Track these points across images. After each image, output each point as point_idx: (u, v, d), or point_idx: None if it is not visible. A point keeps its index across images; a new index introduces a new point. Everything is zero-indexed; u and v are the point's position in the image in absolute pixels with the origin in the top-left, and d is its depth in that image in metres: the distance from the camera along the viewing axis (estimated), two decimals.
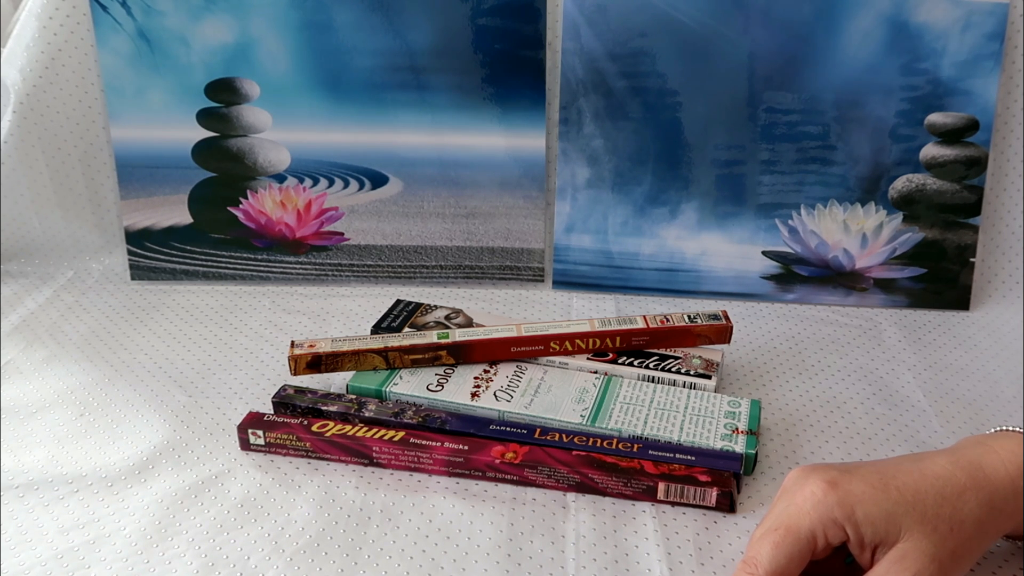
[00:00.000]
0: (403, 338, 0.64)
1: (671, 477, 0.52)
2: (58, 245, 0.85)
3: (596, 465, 0.53)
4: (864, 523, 0.41)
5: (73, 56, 0.79)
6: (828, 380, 0.68)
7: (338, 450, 0.56)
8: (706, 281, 0.81)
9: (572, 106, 0.79)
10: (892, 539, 0.41)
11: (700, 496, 0.52)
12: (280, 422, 0.57)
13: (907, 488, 0.42)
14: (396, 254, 0.83)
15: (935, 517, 0.41)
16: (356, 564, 0.49)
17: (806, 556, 0.42)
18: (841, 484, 0.42)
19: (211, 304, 0.79)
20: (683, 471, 0.53)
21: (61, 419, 0.62)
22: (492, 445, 0.55)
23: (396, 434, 0.56)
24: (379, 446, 0.55)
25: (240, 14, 0.77)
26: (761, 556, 0.42)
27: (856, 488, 0.42)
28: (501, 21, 0.77)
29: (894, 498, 0.42)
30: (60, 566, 0.48)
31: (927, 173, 0.78)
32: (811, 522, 0.42)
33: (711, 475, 0.52)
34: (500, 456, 0.54)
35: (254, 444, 0.57)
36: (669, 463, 0.54)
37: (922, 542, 0.41)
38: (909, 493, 0.42)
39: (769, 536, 0.43)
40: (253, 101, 0.79)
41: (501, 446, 0.55)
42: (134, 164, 0.81)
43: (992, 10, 0.75)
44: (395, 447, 0.55)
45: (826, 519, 0.42)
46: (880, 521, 0.41)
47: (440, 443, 0.55)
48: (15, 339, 0.73)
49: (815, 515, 0.42)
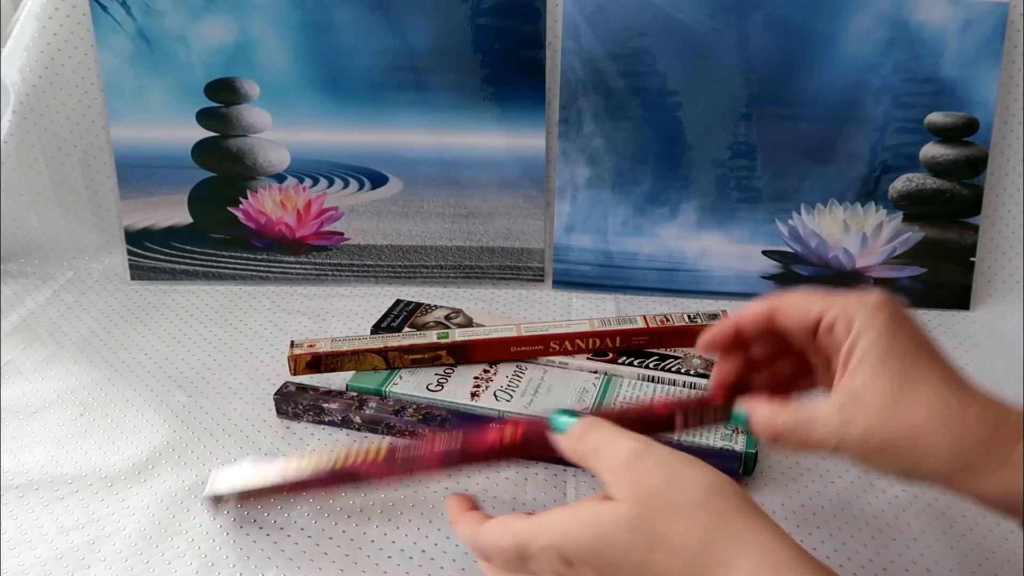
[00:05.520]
0: (403, 338, 0.64)
1: (685, 408, 0.46)
2: (58, 245, 0.85)
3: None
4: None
5: (73, 56, 0.79)
6: None
7: (323, 486, 0.50)
8: (706, 281, 0.81)
9: (572, 106, 0.79)
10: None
11: None
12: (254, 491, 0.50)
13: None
14: (396, 254, 0.83)
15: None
16: (356, 564, 0.49)
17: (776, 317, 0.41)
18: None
19: (211, 304, 0.79)
20: (696, 399, 0.47)
21: (61, 419, 0.62)
22: (487, 433, 0.46)
23: (379, 452, 0.48)
24: (366, 469, 0.48)
25: (240, 14, 0.77)
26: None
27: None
28: (501, 21, 0.77)
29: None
30: (60, 566, 0.48)
31: (927, 173, 0.78)
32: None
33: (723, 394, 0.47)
34: (499, 438, 0.46)
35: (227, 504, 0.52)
36: None
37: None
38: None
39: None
40: (253, 101, 0.79)
41: (496, 431, 0.46)
42: (134, 164, 0.81)
43: (992, 10, 0.74)
44: (382, 464, 0.48)
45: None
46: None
47: (431, 446, 0.47)
48: (15, 339, 0.73)
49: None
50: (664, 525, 0.35)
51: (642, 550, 0.35)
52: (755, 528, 0.35)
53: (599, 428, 0.40)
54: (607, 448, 0.38)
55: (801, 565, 0.34)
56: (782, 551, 0.34)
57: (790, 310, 0.41)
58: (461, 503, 0.44)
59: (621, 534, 0.35)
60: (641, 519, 0.35)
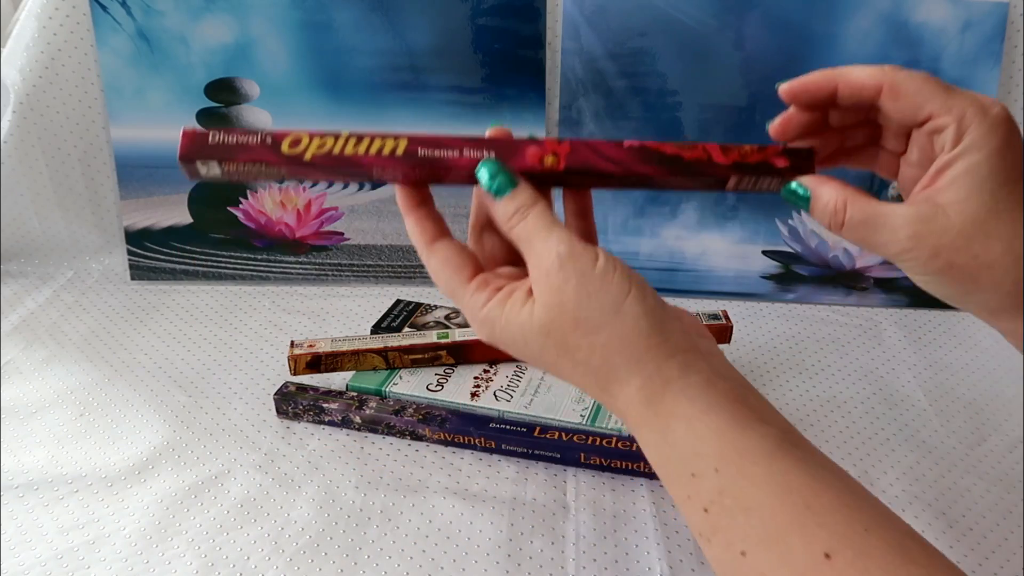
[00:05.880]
0: (403, 338, 0.64)
1: (744, 167, 0.41)
2: (58, 245, 0.85)
3: (656, 160, 0.40)
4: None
5: (73, 56, 0.79)
6: (828, 380, 0.68)
7: (322, 172, 0.42)
8: (706, 281, 0.81)
9: (572, 106, 0.79)
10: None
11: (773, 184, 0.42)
12: (235, 144, 0.40)
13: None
14: (396, 254, 0.83)
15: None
16: (356, 564, 0.49)
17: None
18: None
19: (211, 304, 0.79)
20: (758, 155, 0.41)
21: (61, 419, 0.62)
22: (528, 146, 0.41)
23: (398, 144, 0.42)
24: (378, 163, 0.41)
25: (240, 14, 0.77)
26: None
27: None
28: (501, 21, 0.77)
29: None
30: (60, 566, 0.48)
31: None
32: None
33: (786, 157, 0.41)
34: (538, 161, 0.41)
35: (207, 176, 0.41)
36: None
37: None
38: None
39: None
40: (253, 101, 0.79)
41: (537, 148, 0.41)
42: (134, 164, 0.81)
43: (992, 10, 0.74)
44: (398, 163, 0.41)
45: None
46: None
47: (458, 152, 0.41)
48: (15, 339, 0.73)
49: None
50: (571, 337, 0.37)
51: (552, 354, 0.38)
52: (648, 347, 0.36)
53: (533, 216, 0.39)
54: (537, 243, 0.38)
55: (691, 386, 0.36)
56: (671, 369, 0.36)
57: (903, 95, 0.37)
58: (412, 198, 0.42)
59: (535, 336, 0.37)
60: (552, 326, 0.37)
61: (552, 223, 0.38)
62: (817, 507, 0.32)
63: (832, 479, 0.34)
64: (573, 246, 0.37)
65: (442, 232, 0.42)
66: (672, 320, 0.38)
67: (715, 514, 0.34)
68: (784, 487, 0.33)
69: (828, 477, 0.34)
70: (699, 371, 0.36)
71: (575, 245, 0.37)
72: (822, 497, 0.33)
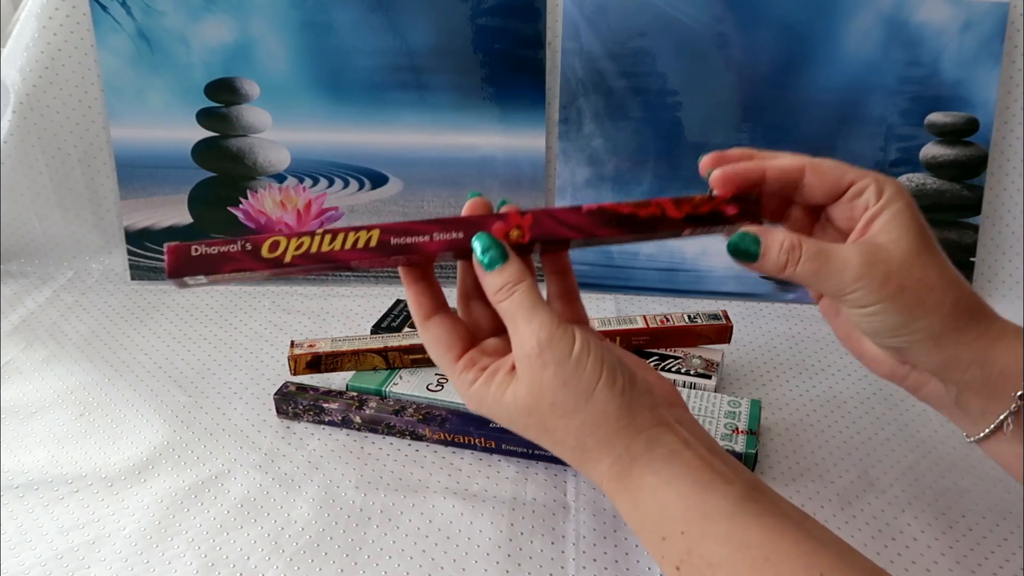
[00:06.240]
0: (403, 338, 0.64)
1: (696, 219, 0.43)
2: (58, 245, 0.85)
3: (614, 221, 0.43)
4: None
5: (73, 56, 0.79)
6: (828, 380, 0.68)
7: (305, 271, 0.44)
8: (706, 281, 0.81)
9: (572, 106, 0.79)
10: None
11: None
12: (217, 255, 0.42)
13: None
14: None
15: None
16: (356, 564, 0.49)
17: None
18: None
19: (211, 304, 0.79)
20: (708, 205, 0.43)
21: (61, 419, 0.62)
22: (492, 223, 0.42)
23: (371, 236, 0.42)
24: (355, 256, 0.42)
25: (240, 14, 0.77)
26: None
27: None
28: (501, 21, 0.77)
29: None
30: (60, 566, 0.48)
31: (927, 173, 0.78)
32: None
33: (736, 205, 0.44)
34: (503, 236, 0.42)
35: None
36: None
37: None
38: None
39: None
40: (253, 101, 0.79)
41: (502, 223, 0.42)
42: (134, 164, 0.81)
43: (992, 10, 0.75)
44: (372, 254, 0.42)
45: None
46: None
47: (428, 236, 0.42)
48: (15, 339, 0.73)
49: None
50: (549, 420, 0.41)
51: (534, 431, 0.42)
52: (617, 429, 0.40)
53: (519, 294, 0.41)
54: (520, 324, 0.40)
55: (656, 459, 0.40)
56: (638, 446, 0.40)
57: (825, 171, 0.42)
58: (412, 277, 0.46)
59: (519, 415, 0.41)
60: (533, 407, 0.41)
61: (535, 304, 0.41)
62: (775, 558, 0.36)
63: (789, 528, 0.37)
64: (552, 333, 0.40)
65: (437, 307, 0.45)
66: (641, 397, 0.41)
67: (686, 572, 0.37)
68: (744, 543, 0.36)
69: (786, 527, 0.37)
70: (664, 444, 0.40)
71: (554, 332, 0.40)
72: (780, 547, 0.36)
